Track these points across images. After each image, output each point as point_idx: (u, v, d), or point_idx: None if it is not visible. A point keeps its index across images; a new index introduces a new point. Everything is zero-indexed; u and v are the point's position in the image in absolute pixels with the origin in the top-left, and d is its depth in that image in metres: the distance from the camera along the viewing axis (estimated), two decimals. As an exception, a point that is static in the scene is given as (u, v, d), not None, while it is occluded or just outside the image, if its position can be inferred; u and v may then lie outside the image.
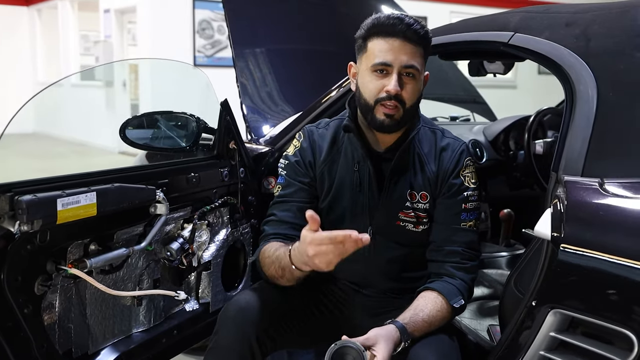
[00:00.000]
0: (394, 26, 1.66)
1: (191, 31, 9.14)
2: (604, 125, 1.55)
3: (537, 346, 1.52)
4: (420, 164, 1.79)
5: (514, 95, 11.70)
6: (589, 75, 1.61)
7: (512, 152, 2.97)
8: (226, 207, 2.16)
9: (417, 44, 1.67)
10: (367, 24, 1.72)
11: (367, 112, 1.73)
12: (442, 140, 1.83)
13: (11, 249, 1.45)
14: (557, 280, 1.46)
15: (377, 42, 1.68)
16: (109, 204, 1.62)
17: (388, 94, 1.67)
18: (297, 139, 1.90)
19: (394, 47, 1.66)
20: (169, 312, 2.02)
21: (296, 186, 1.84)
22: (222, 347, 1.65)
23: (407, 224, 1.79)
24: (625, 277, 1.36)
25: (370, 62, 1.69)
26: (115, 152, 9.87)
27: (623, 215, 1.44)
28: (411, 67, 1.67)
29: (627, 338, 1.34)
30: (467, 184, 1.78)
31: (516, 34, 1.82)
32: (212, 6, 9.23)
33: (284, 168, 1.88)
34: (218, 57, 9.26)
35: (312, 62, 3.07)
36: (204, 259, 2.07)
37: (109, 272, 1.74)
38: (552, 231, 1.46)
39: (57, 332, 1.62)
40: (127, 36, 10.77)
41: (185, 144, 2.16)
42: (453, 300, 1.69)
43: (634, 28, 1.64)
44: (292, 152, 1.88)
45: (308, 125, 1.94)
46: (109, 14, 10.43)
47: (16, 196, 1.40)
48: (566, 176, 1.53)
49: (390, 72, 1.67)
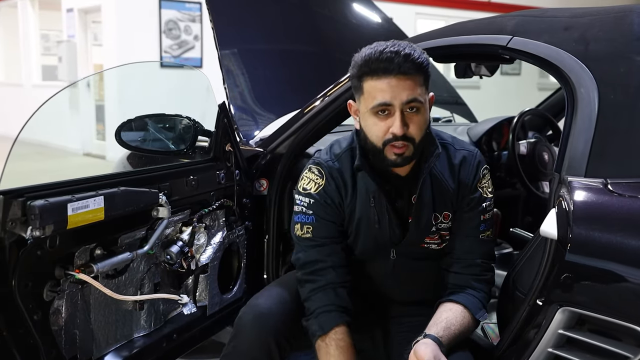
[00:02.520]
0: (389, 62, 1.56)
1: (157, 31, 9.03)
2: (606, 127, 1.59)
3: (545, 343, 1.55)
4: (438, 185, 1.75)
5: (478, 95, 11.88)
6: (590, 78, 1.65)
7: (496, 153, 3.02)
8: (222, 210, 2.16)
9: (415, 75, 1.58)
10: (358, 63, 1.62)
11: (377, 154, 1.66)
12: (456, 154, 1.77)
13: (22, 255, 1.42)
14: (565, 278, 1.49)
15: (373, 83, 1.59)
16: (115, 208, 1.60)
17: (394, 136, 1.60)
18: (316, 175, 1.78)
19: (392, 85, 1.57)
20: (168, 315, 2.01)
21: (332, 227, 1.76)
22: (241, 353, 1.66)
23: (432, 245, 1.79)
24: (634, 275, 1.40)
25: (370, 105, 1.61)
26: (80, 153, 9.72)
27: (629, 214, 1.48)
28: (414, 101, 1.58)
29: (637, 334, 1.38)
30: (485, 194, 1.77)
31: (514, 37, 1.85)
32: (178, 6, 9.15)
33: (310, 207, 1.77)
34: (185, 58, 9.18)
35: (299, 63, 3.07)
36: (202, 262, 2.06)
37: (113, 277, 1.73)
38: (558, 231, 1.49)
39: (64, 338, 1.60)
40: (91, 36, 10.59)
41: (183, 146, 2.15)
42: (478, 314, 1.71)
43: (632, 32, 1.68)
44: (316, 190, 1.77)
45: (324, 159, 1.80)
46: (72, 13, 10.24)
47: (29, 201, 1.38)
48: (570, 177, 1.56)
49: (392, 111, 1.59)
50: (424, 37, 2.15)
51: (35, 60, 12.07)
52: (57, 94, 1.76)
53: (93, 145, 9.80)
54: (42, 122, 1.63)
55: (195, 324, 2.07)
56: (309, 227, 1.76)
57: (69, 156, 9.67)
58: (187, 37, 9.28)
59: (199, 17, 9.29)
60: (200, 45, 9.34)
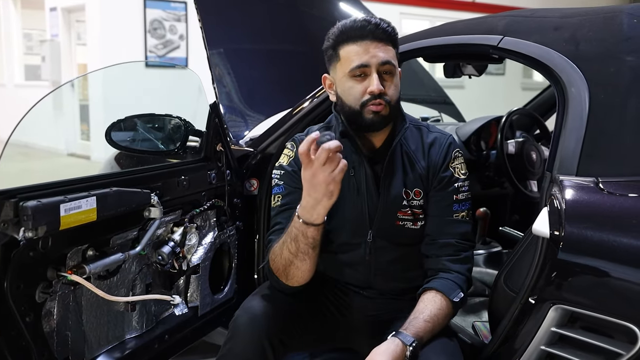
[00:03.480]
0: (362, 29, 1.69)
1: (142, 31, 8.98)
2: (596, 126, 1.60)
3: (538, 341, 1.56)
4: (410, 162, 1.81)
5: (462, 95, 11.93)
6: (580, 77, 1.66)
7: (484, 152, 3.04)
8: (213, 210, 2.16)
9: (387, 42, 1.71)
10: (334, 33, 1.74)
11: (355, 117, 1.73)
12: (429, 135, 1.84)
13: (14, 257, 1.41)
14: (558, 277, 1.51)
15: (349, 48, 1.70)
16: (108, 208, 1.59)
17: (372, 94, 1.69)
18: (289, 149, 1.88)
19: (368, 48, 1.68)
20: (160, 316, 2.00)
21: (297, 193, 1.79)
22: (236, 355, 1.65)
23: (406, 222, 1.80)
24: (626, 273, 1.42)
25: (347, 68, 1.71)
26: (64, 154, 9.64)
27: (620, 212, 1.49)
28: (388, 63, 1.69)
29: (629, 331, 1.40)
30: (457, 175, 1.80)
31: (505, 37, 1.86)
32: (163, 5, 9.10)
33: (281, 177, 1.85)
34: (170, 57, 9.13)
35: (287, 62, 3.07)
36: (193, 262, 2.06)
37: (105, 278, 1.72)
38: (551, 229, 1.50)
39: (56, 339, 1.59)
40: (75, 35, 10.51)
41: (173, 146, 2.14)
42: (452, 295, 1.71)
43: (622, 32, 1.70)
44: (287, 162, 1.85)
45: (298, 135, 1.93)
46: (56, 12, 10.15)
47: (21, 202, 1.37)
48: (562, 176, 1.57)
49: (368, 73, 1.69)
50: (414, 37, 2.16)
51: (17, 60, 11.96)
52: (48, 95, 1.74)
53: (77, 145, 9.72)
54: (26, 122, 1.62)
55: (187, 324, 2.06)
56: (279, 197, 1.84)
57: (53, 156, 9.58)
58: (173, 37, 9.23)
59: (184, 17, 9.24)
60: (185, 44, 9.30)
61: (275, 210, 1.84)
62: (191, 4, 9.15)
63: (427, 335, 1.63)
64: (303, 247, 1.64)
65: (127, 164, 2.45)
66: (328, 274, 1.91)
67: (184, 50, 9.30)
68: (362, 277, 1.87)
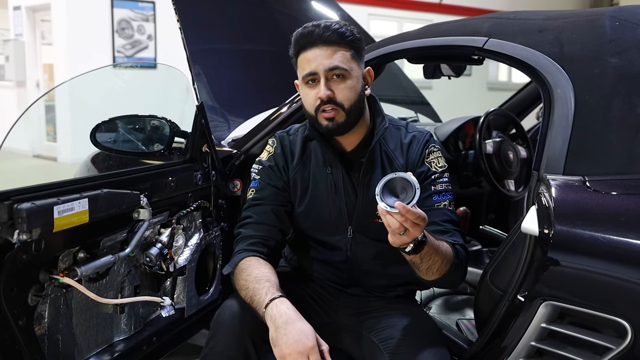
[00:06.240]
0: (310, 34, 1.73)
1: (110, 31, 8.88)
2: (582, 126, 1.64)
3: (528, 337, 1.59)
4: (389, 160, 1.84)
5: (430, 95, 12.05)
6: (566, 78, 1.70)
7: (462, 152, 3.08)
8: (199, 211, 2.15)
9: (338, 45, 1.73)
10: (293, 42, 1.78)
11: (314, 122, 1.80)
12: (407, 135, 1.87)
13: (8, 259, 1.39)
14: (548, 274, 1.53)
15: (302, 56, 1.76)
16: (99, 210, 1.58)
17: (321, 100, 1.73)
18: (270, 145, 1.93)
19: (315, 55, 1.73)
20: (147, 318, 1.99)
21: (270, 189, 1.88)
22: (218, 353, 1.64)
23: None
24: (615, 269, 1.45)
25: (301, 76, 1.78)
26: (30, 155, 9.47)
27: (607, 210, 1.53)
28: (336, 69, 1.72)
29: (619, 326, 1.43)
30: (433, 169, 1.83)
31: (490, 39, 1.89)
32: (131, 5, 9.02)
33: (258, 172, 1.91)
34: (139, 58, 9.04)
35: (265, 63, 3.08)
36: (180, 263, 2.04)
37: (95, 280, 1.70)
38: (540, 228, 1.53)
39: (47, 343, 1.57)
40: (40, 35, 10.33)
41: (159, 147, 2.13)
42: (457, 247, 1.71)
43: (605, 34, 1.74)
44: (266, 158, 1.91)
45: (279, 132, 1.98)
46: (20, 11, 9.98)
47: (15, 204, 1.35)
48: (549, 175, 1.61)
49: (318, 79, 1.74)
50: (398, 39, 2.18)
51: (-20, 60, 11.71)
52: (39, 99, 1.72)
53: (43, 146, 9.56)
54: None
55: (174, 326, 2.05)
56: (252, 190, 1.89)
57: (18, 158, 9.40)
58: (141, 37, 9.15)
59: (152, 17, 9.16)
60: (154, 45, 9.22)
61: (248, 204, 1.89)
62: (159, 4, 9.13)
63: (430, 247, 1.59)
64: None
65: (106, 166, 2.43)
66: (312, 273, 1.92)
67: (152, 50, 9.22)
68: (345, 275, 1.89)
